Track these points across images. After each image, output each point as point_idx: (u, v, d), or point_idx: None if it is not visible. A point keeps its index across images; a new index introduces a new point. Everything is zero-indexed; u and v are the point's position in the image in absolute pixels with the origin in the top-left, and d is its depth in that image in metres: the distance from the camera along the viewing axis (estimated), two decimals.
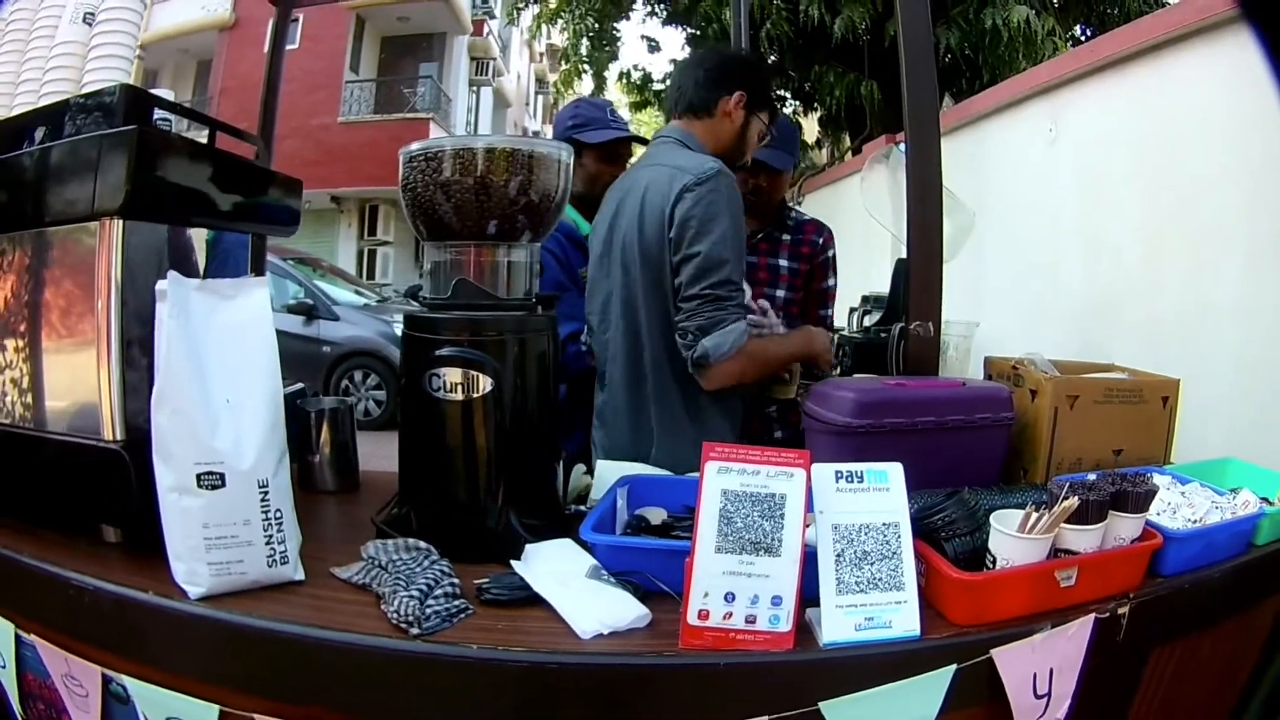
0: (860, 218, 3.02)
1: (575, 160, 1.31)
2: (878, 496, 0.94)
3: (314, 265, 8.39)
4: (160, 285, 0.98)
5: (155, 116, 1.14)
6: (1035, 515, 0.92)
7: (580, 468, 1.40)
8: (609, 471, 1.38)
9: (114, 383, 1.04)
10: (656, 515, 1.21)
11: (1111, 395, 1.31)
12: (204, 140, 1.34)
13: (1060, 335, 2.46)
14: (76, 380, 1.07)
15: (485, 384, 1.06)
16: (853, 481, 0.95)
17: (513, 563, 1.03)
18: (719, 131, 1.56)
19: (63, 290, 1.08)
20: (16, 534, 1.09)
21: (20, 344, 1.13)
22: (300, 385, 1.56)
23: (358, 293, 8.22)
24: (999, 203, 2.94)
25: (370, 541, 1.08)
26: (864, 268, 4.01)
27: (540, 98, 25.02)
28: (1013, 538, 0.92)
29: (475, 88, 16.41)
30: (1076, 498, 0.91)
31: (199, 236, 1.38)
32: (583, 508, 1.27)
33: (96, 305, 1.03)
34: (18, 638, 1.04)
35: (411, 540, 1.07)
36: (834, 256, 1.99)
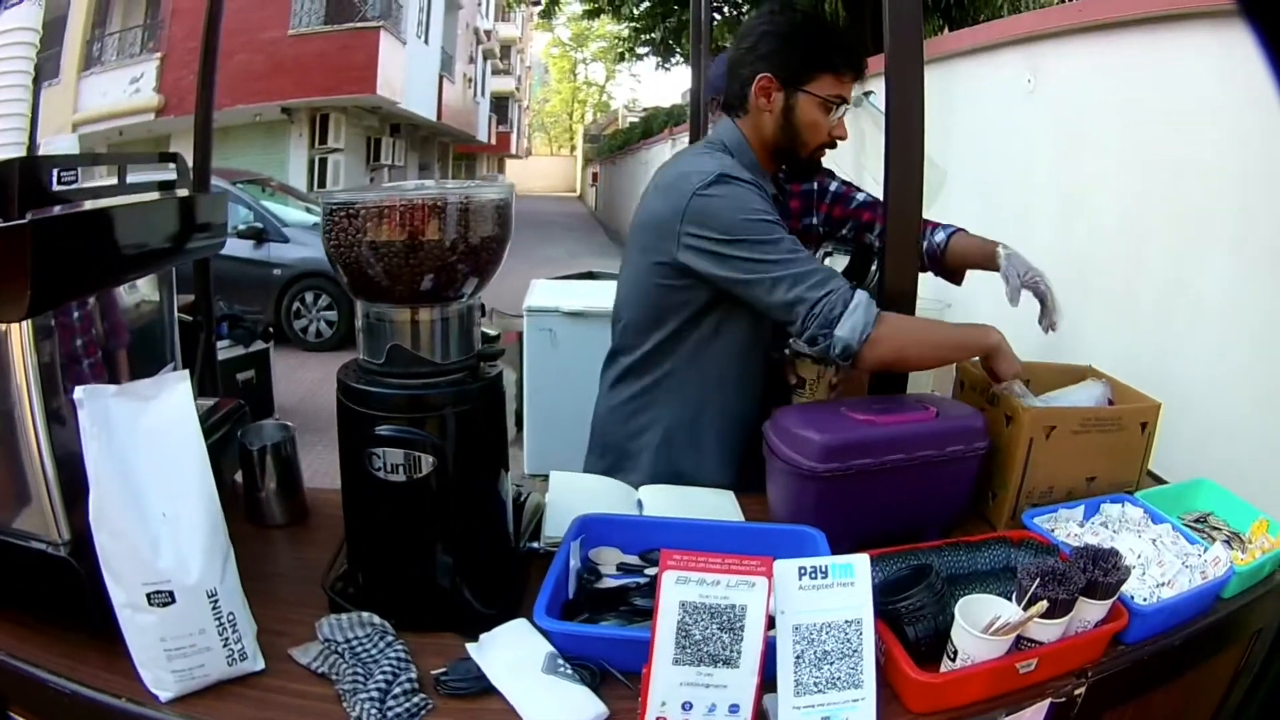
0: None
1: None
2: (842, 592, 0.90)
3: (263, 185, 8.20)
4: (77, 394, 0.91)
5: (60, 176, 1.02)
6: (1001, 620, 0.89)
7: (535, 496, 1.35)
8: (562, 488, 1.36)
9: (52, 492, 0.98)
10: (610, 561, 1.18)
11: (1089, 425, 1.27)
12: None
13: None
14: (19, 485, 1.01)
15: (427, 463, 1.00)
16: (816, 578, 0.90)
17: (469, 647, 1.00)
18: (760, 126, 1.42)
19: None
20: None
21: None
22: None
23: (308, 210, 8.09)
24: (968, 146, 2.81)
25: (324, 619, 1.05)
26: None
27: None
28: (977, 638, 0.90)
29: None
30: (1046, 601, 0.88)
31: None
32: (536, 545, 1.23)
33: (19, 414, 0.96)
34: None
35: (365, 615, 1.04)
36: None
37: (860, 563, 0.91)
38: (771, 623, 0.89)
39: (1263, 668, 1.15)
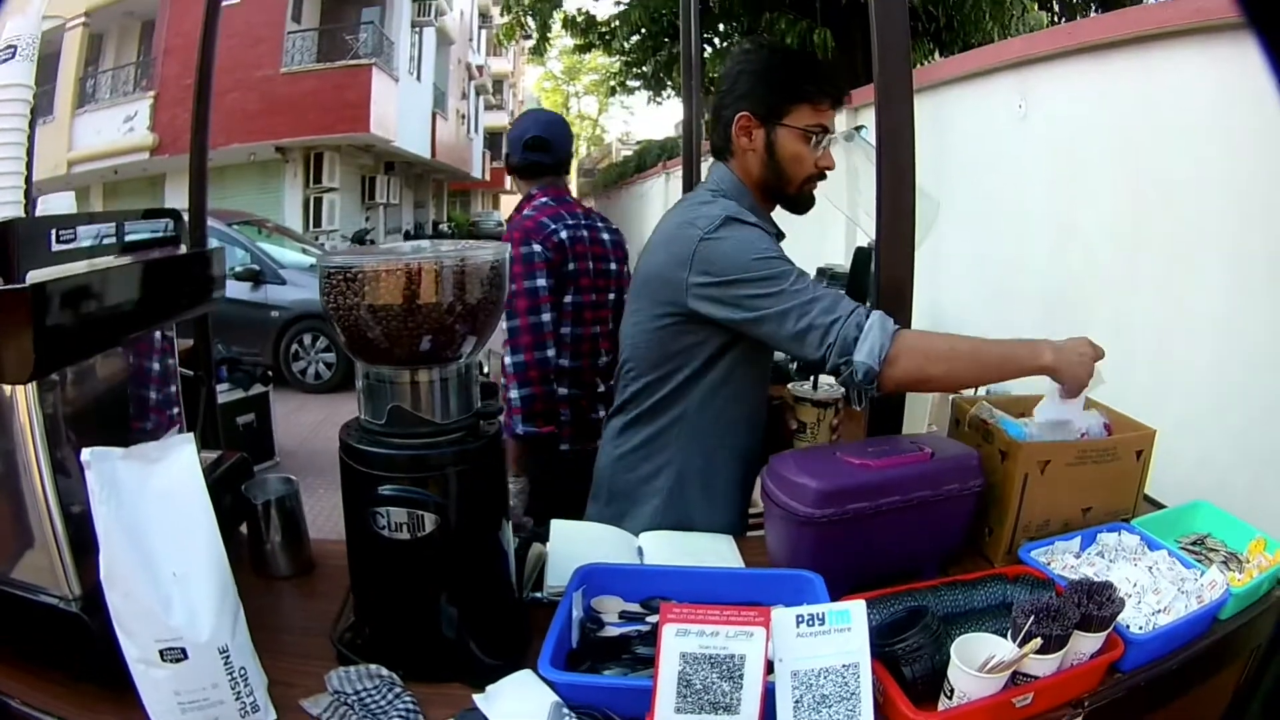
0: None
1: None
2: (839, 638, 0.92)
3: (259, 226, 8.29)
4: (85, 456, 0.94)
5: (59, 234, 1.05)
6: (996, 658, 0.91)
7: (537, 546, 1.37)
8: (562, 538, 1.37)
9: (62, 548, 1.01)
10: (612, 609, 1.20)
11: (1085, 457, 1.28)
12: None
13: (1024, 320, 2.41)
14: (28, 539, 1.04)
15: (430, 521, 1.02)
16: (814, 625, 0.92)
17: (475, 698, 1.02)
18: (748, 166, 1.42)
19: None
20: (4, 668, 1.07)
21: None
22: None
23: (304, 251, 8.18)
24: (960, 172, 2.82)
25: (333, 671, 1.07)
26: (816, 237, 3.84)
27: (484, 32, 24.19)
28: (973, 676, 0.91)
29: (418, 29, 16.05)
30: (1040, 638, 0.90)
31: None
32: (540, 595, 1.25)
33: (27, 472, 0.99)
34: None
35: (374, 667, 1.06)
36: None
37: (856, 609, 0.93)
38: (770, 669, 0.91)
39: (1257, 675, 1.16)
